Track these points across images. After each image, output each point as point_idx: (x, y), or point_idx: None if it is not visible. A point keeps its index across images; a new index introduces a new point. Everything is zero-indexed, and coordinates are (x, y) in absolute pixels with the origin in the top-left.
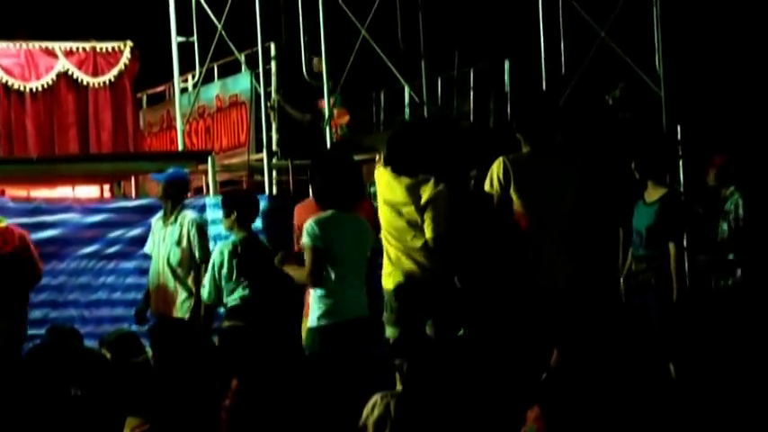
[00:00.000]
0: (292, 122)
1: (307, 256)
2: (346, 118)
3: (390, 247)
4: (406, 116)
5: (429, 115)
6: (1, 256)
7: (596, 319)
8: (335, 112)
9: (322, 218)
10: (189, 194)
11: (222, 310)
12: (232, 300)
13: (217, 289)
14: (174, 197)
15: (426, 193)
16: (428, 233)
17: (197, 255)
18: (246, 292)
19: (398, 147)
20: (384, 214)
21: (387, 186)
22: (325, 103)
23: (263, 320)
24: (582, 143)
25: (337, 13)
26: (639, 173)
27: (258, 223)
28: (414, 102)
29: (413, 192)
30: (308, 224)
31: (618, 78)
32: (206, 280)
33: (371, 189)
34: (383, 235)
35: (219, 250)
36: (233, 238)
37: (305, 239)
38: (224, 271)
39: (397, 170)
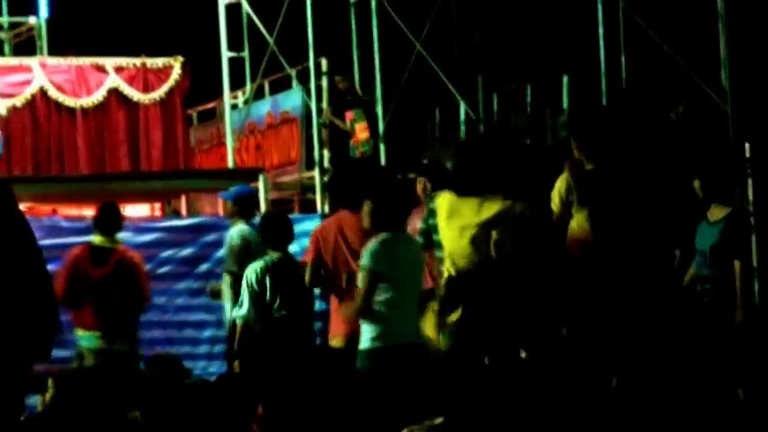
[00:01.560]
0: (344, 139)
1: (363, 279)
2: (366, 134)
3: (453, 269)
4: (462, 133)
5: (487, 132)
6: (120, 276)
7: (662, 340)
8: (356, 127)
9: (384, 239)
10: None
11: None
12: (271, 319)
13: (256, 308)
14: (243, 214)
15: (492, 210)
16: (494, 251)
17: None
18: (280, 312)
19: (464, 165)
20: (447, 238)
21: (449, 210)
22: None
23: (294, 342)
24: (643, 161)
25: (391, 27)
26: (703, 192)
27: (305, 242)
28: (469, 118)
29: (478, 210)
30: (371, 246)
31: (682, 94)
32: (244, 299)
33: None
34: (446, 259)
35: (253, 269)
36: (266, 257)
37: (366, 261)
38: (256, 290)
39: (462, 190)
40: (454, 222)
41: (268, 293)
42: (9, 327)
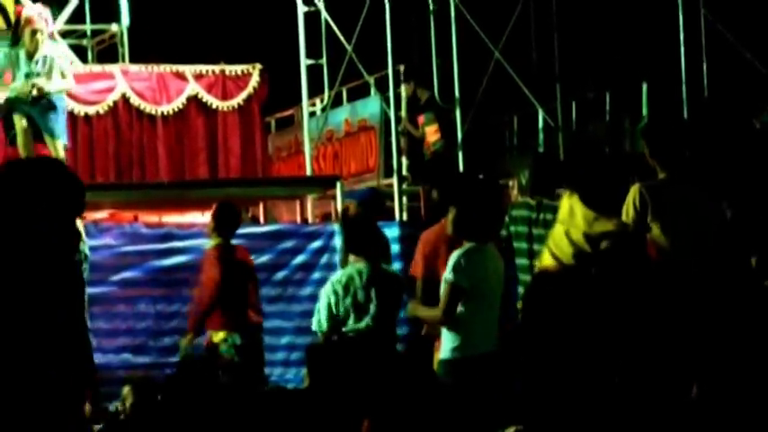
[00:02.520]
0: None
1: (444, 291)
2: (437, 135)
3: (552, 263)
4: (540, 140)
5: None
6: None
7: (742, 347)
8: (427, 130)
9: (469, 250)
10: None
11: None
12: (352, 330)
13: (332, 319)
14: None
15: (605, 227)
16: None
17: None
18: (358, 323)
19: (601, 181)
20: (555, 235)
21: (569, 211)
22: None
23: (386, 352)
24: (724, 169)
25: (470, 35)
26: None
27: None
28: (548, 125)
29: (591, 223)
30: (455, 258)
31: (764, 100)
32: (321, 307)
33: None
34: (546, 255)
35: (334, 279)
36: (349, 267)
37: (449, 274)
38: (334, 300)
39: (589, 201)
40: (567, 225)
41: (347, 305)
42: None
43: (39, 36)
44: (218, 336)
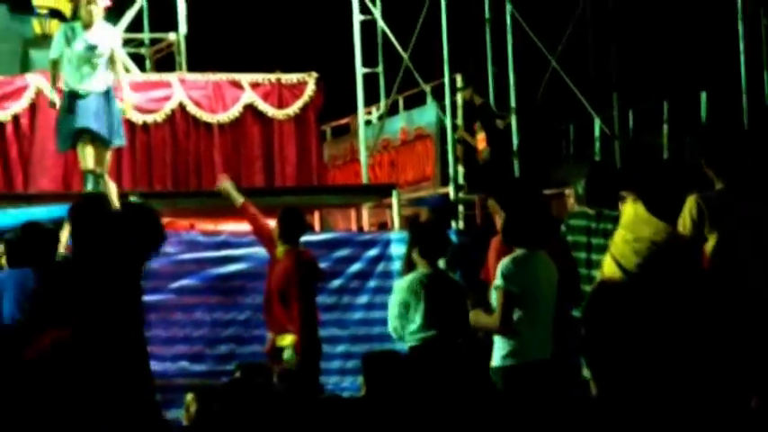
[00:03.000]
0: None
1: (498, 300)
2: (484, 143)
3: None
4: (596, 149)
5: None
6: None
7: None
8: (478, 138)
9: (518, 257)
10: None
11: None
12: (413, 338)
13: (400, 326)
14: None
15: (666, 233)
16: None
17: None
18: (429, 330)
19: (669, 192)
20: (617, 244)
21: (633, 220)
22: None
23: (446, 360)
24: None
25: (526, 43)
26: None
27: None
28: (604, 135)
29: (655, 230)
30: (504, 264)
31: None
32: (394, 313)
33: (564, 226)
34: (609, 263)
35: (401, 285)
36: (416, 272)
37: (499, 281)
38: (403, 307)
39: (655, 210)
40: (630, 232)
41: (416, 310)
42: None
43: (93, 8)
44: (285, 340)
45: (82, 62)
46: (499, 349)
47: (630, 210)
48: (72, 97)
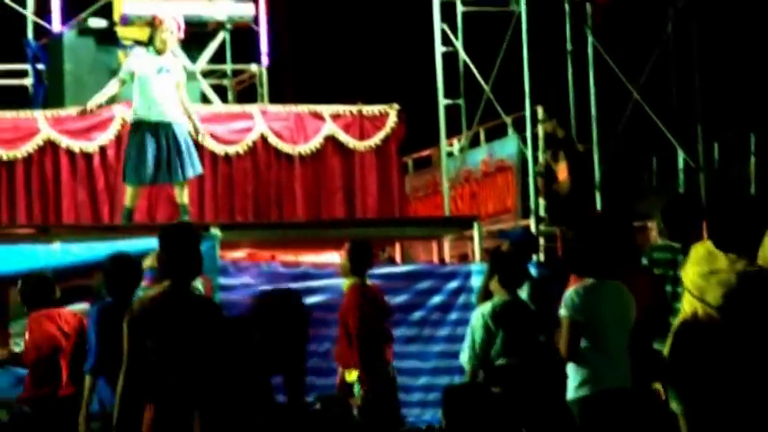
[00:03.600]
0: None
1: (563, 329)
2: (565, 175)
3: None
4: (680, 182)
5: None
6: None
7: None
8: (558, 167)
9: (582, 287)
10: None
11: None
12: (492, 365)
13: (475, 354)
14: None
15: (744, 265)
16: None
17: None
18: (507, 358)
19: (741, 224)
20: (695, 284)
21: (706, 258)
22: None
23: (524, 388)
24: None
25: (608, 75)
26: None
27: (524, 292)
28: (688, 167)
29: (733, 263)
30: (568, 294)
31: None
32: (465, 344)
33: (646, 259)
34: (689, 302)
35: (480, 313)
36: (494, 300)
37: (563, 311)
38: (483, 335)
39: (727, 246)
40: (706, 269)
41: (496, 340)
42: None
43: (167, 36)
44: (352, 375)
45: (151, 89)
46: (572, 380)
47: (700, 245)
48: (140, 129)
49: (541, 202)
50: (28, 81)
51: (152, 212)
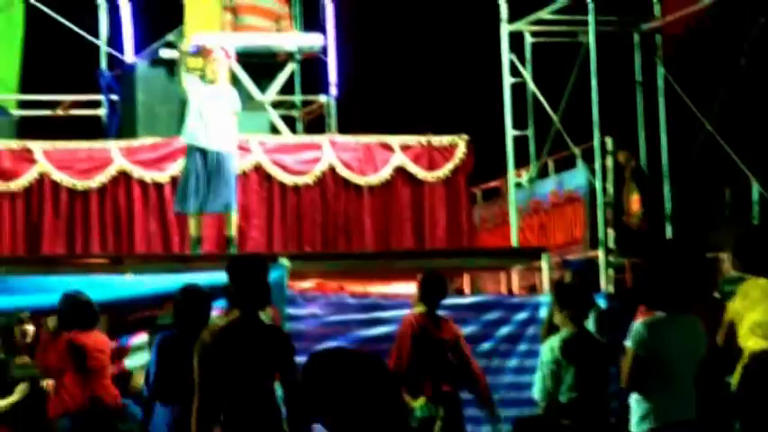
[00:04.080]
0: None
1: (627, 360)
2: (638, 206)
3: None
4: (754, 214)
5: None
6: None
7: None
8: (630, 199)
9: (650, 321)
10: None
11: None
12: (562, 398)
13: (546, 387)
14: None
15: None
16: None
17: None
18: (577, 391)
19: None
20: (754, 320)
21: (759, 290)
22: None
23: (593, 421)
24: None
25: (678, 105)
26: None
27: (591, 324)
28: (763, 198)
29: None
30: (636, 327)
31: None
32: (536, 377)
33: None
34: (749, 337)
35: (550, 346)
36: (563, 333)
37: (628, 342)
38: (553, 368)
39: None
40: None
41: (562, 373)
42: None
43: (218, 67)
44: (418, 402)
45: (203, 117)
46: (635, 413)
47: (753, 284)
48: (190, 155)
49: (610, 233)
50: (102, 111)
51: (221, 242)
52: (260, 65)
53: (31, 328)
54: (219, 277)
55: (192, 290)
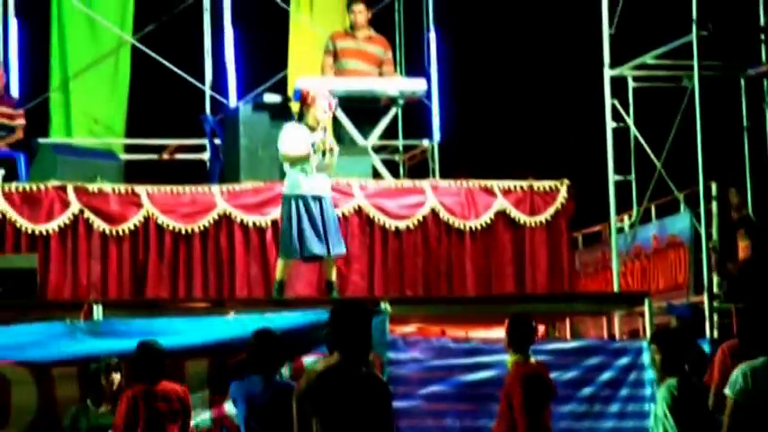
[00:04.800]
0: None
1: (727, 409)
2: (746, 253)
3: None
4: None
5: None
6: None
7: None
8: (739, 246)
9: (751, 367)
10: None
11: None
12: None
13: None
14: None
15: None
16: None
17: None
18: None
19: None
20: None
21: None
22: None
23: None
24: None
25: None
26: None
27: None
28: None
29: None
30: (735, 374)
31: None
32: (650, 422)
33: None
34: None
35: (661, 395)
36: (669, 382)
37: (727, 390)
38: (667, 414)
39: None
40: None
41: (670, 422)
42: None
43: (319, 112)
44: None
45: (304, 164)
46: None
47: None
48: (292, 202)
49: (715, 278)
50: (205, 155)
51: (321, 284)
52: (362, 109)
53: (117, 376)
54: (315, 317)
55: (265, 333)
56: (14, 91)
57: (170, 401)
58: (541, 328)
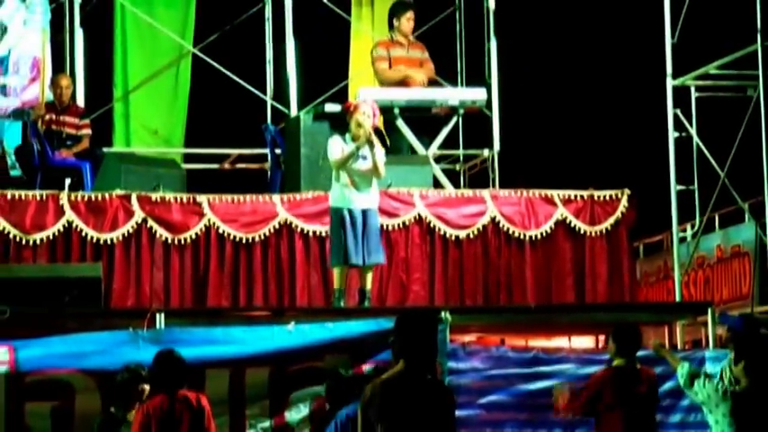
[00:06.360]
0: None
1: None
2: None
3: None
4: None
5: None
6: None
7: None
8: None
9: None
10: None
11: None
12: None
13: None
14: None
15: None
16: None
17: None
18: None
19: None
20: None
21: None
22: None
23: None
24: None
25: None
26: None
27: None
28: None
29: None
30: None
31: None
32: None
33: None
34: None
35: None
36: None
37: None
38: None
39: None
40: None
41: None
42: None
43: (363, 124)
44: None
45: (348, 174)
46: None
47: None
48: (339, 213)
49: None
50: (266, 165)
51: (382, 294)
52: (423, 119)
53: (147, 387)
54: (375, 326)
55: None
56: (80, 101)
57: (187, 411)
58: (601, 339)
